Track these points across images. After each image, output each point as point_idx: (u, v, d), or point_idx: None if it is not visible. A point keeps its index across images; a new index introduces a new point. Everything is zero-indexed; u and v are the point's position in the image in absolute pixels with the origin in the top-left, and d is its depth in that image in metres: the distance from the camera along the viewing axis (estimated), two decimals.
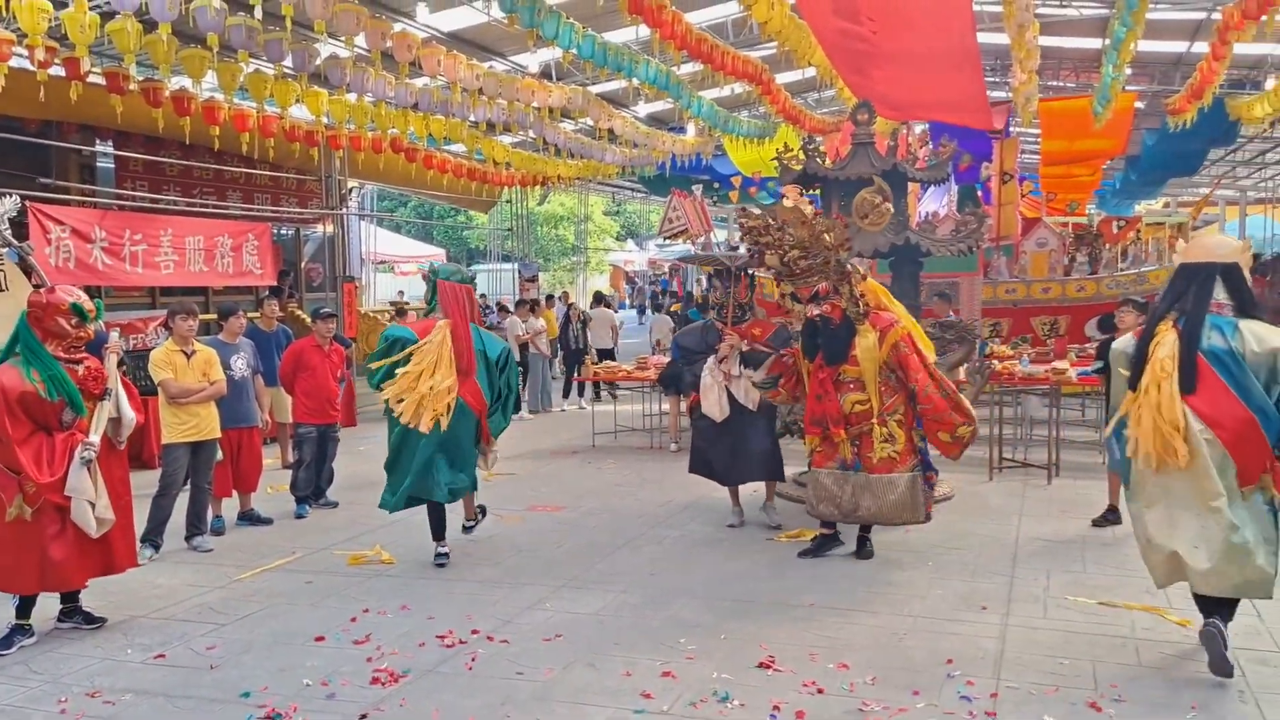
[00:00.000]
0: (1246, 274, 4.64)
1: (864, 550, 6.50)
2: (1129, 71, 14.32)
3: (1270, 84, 14.61)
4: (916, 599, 5.64)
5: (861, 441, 6.30)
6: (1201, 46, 14.77)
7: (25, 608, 5.22)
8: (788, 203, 6.60)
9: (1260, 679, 4.42)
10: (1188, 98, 13.80)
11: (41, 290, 5.28)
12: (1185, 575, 4.40)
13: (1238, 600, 4.49)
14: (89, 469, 5.08)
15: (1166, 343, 4.48)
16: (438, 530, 6.61)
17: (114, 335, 6.00)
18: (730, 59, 11.56)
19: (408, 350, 6.32)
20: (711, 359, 7.13)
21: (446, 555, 6.58)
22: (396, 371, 6.29)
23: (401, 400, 6.23)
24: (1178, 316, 4.52)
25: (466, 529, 6.94)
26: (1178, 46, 16.96)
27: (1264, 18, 9.70)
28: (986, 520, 7.43)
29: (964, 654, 4.77)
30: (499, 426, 6.77)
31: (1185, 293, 4.56)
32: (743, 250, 7.99)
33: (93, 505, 5.11)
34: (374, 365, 6.50)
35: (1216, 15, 12.36)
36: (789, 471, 7.71)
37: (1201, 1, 13.97)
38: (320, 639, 5.16)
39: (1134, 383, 4.57)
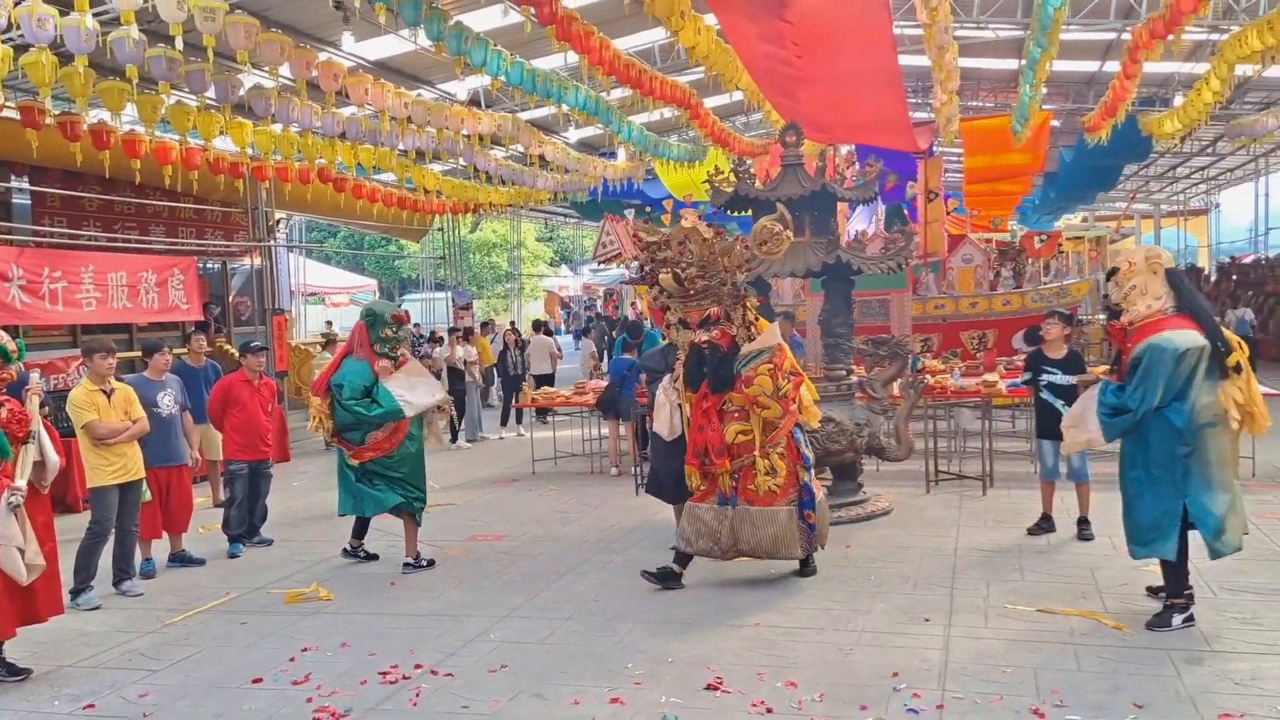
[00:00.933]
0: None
1: (807, 569, 6.50)
2: (1045, 91, 14.79)
3: (1179, 100, 15.18)
4: (860, 614, 5.68)
5: (742, 474, 6.23)
6: (1113, 65, 15.30)
7: None
8: (685, 222, 6.54)
9: (1196, 679, 4.52)
10: (1102, 115, 14.28)
11: None
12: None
13: None
14: (16, 515, 4.95)
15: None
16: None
17: (34, 376, 5.83)
18: (659, 84, 11.68)
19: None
20: (667, 378, 7.02)
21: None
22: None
23: None
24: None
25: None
26: (1090, 66, 17.56)
27: (1170, 37, 10.08)
28: (925, 533, 7.52)
29: (909, 666, 4.81)
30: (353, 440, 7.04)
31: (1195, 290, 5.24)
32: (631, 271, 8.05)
33: (22, 552, 4.96)
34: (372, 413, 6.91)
35: (1126, 35, 12.84)
36: None
37: (1111, 22, 14.49)
38: (258, 681, 5.02)
39: (1222, 369, 5.05)
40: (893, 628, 5.44)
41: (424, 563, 7.15)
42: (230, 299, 15.08)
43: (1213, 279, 26.37)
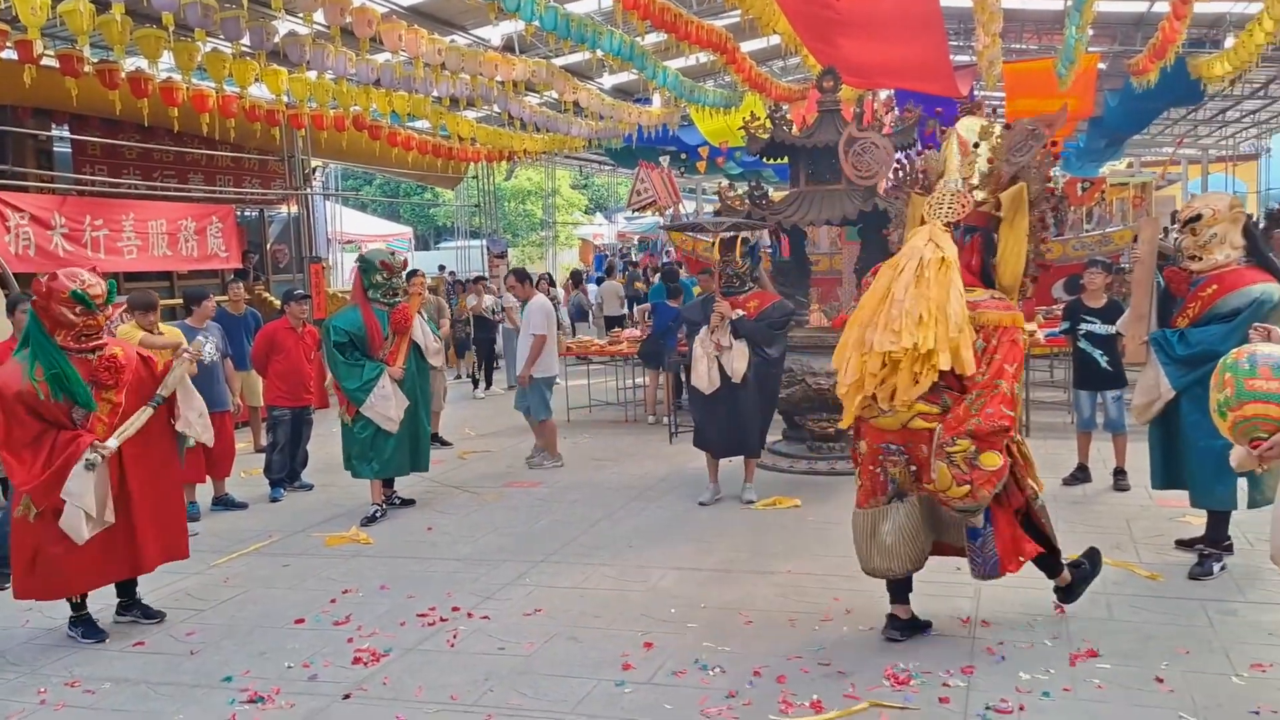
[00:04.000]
0: None
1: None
2: (1091, 32, 14.37)
3: (1229, 42, 14.72)
4: None
5: None
6: (1162, 6, 14.84)
7: (79, 604, 5.10)
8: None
9: (1228, 629, 4.52)
10: (1150, 58, 13.89)
11: (44, 276, 4.89)
12: None
13: None
14: (95, 475, 4.73)
15: None
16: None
17: (200, 340, 5.68)
18: (694, 28, 11.49)
19: None
20: (704, 330, 7.00)
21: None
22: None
23: None
24: None
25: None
26: (1139, 6, 17.05)
27: None
28: None
29: (941, 614, 4.84)
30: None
31: None
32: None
33: (89, 513, 4.75)
34: None
35: None
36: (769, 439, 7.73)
37: None
38: (300, 621, 5.16)
39: None
40: (925, 576, 5.41)
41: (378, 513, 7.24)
42: (268, 247, 15.19)
43: (1261, 225, 25.79)
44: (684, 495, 7.48)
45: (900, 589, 4.67)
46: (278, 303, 10.69)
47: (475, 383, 14.12)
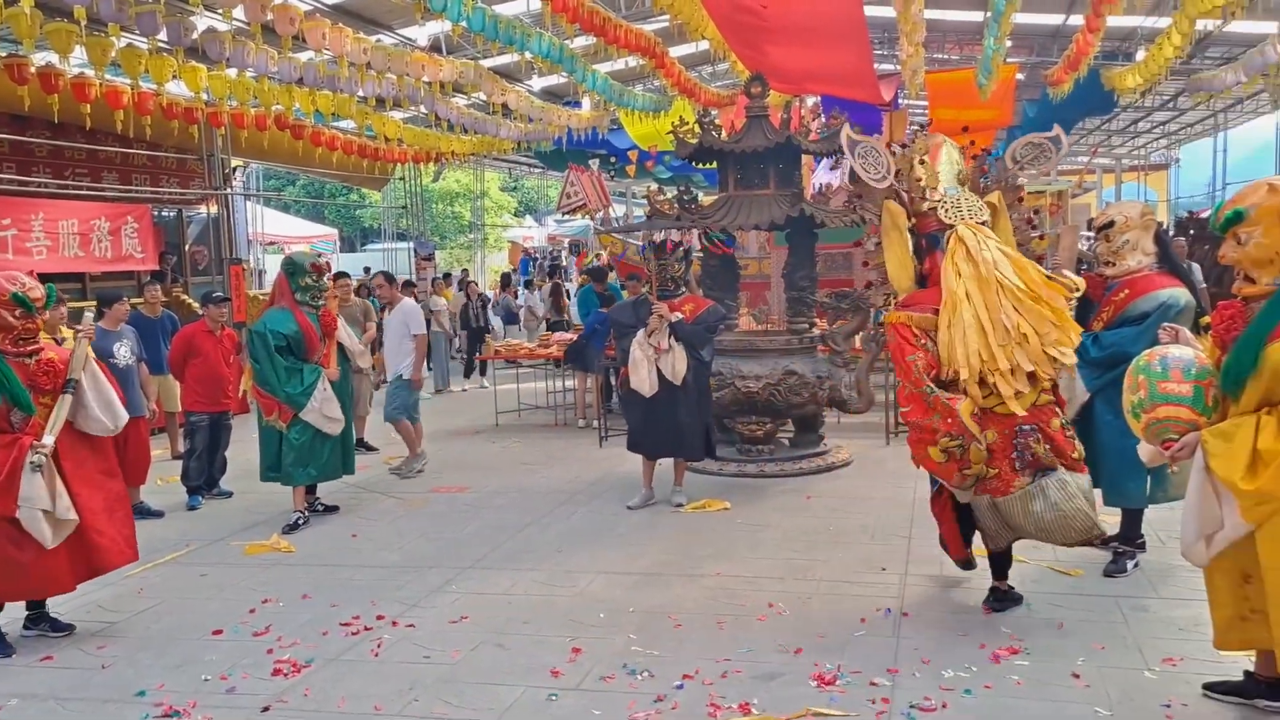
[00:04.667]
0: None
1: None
2: (1009, 43, 14.75)
3: (1140, 55, 15.23)
4: (820, 563, 5.77)
5: None
6: (1077, 19, 15.28)
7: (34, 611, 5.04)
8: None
9: (1142, 625, 4.65)
10: (1065, 69, 14.29)
11: None
12: None
13: None
14: (42, 473, 4.64)
15: None
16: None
17: (87, 316, 5.45)
18: (623, 32, 11.51)
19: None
20: (640, 333, 6.97)
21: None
22: None
23: None
24: None
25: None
26: (1054, 19, 17.53)
27: None
28: (884, 484, 7.62)
29: (866, 614, 4.90)
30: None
31: None
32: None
33: (48, 514, 4.67)
34: None
35: None
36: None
37: None
38: (218, 632, 5.01)
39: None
40: (851, 577, 5.53)
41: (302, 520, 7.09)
42: (187, 248, 14.80)
43: (1171, 233, 26.66)
44: (614, 499, 7.47)
45: (1002, 564, 4.96)
46: (196, 305, 10.42)
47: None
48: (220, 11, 8.77)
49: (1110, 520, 5.76)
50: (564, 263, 24.06)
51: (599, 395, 10.50)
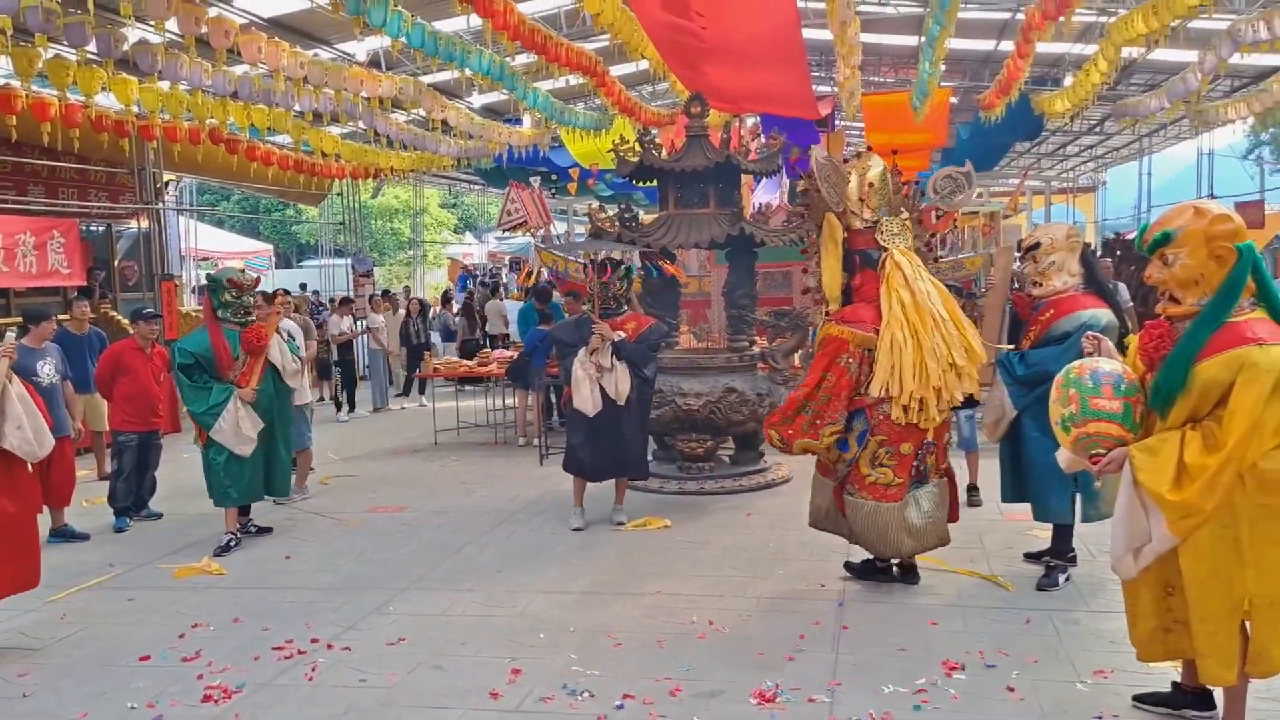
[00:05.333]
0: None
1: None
2: (943, 68, 15.07)
3: (1069, 80, 15.66)
4: (759, 580, 5.79)
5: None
6: (1008, 45, 15.68)
7: None
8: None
9: (1073, 638, 4.74)
10: (997, 93, 14.64)
11: None
12: None
13: None
14: None
15: None
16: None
17: (9, 335, 5.28)
18: (564, 51, 11.53)
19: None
20: (582, 351, 6.91)
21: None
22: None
23: None
24: None
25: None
26: (987, 44, 17.97)
27: (1062, 18, 10.38)
28: None
29: (806, 631, 4.92)
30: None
31: None
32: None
33: None
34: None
35: (1020, 15, 13.15)
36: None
37: (1007, 2, 14.83)
38: (145, 658, 4.87)
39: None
40: (791, 593, 5.56)
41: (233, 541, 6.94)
42: (116, 263, 14.45)
43: (1098, 254, 27.38)
44: (554, 518, 7.42)
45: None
46: (126, 322, 10.17)
47: (339, 406, 13.76)
48: (152, 23, 8.59)
49: (1042, 535, 5.89)
50: (504, 279, 23.92)
51: (539, 413, 10.45)
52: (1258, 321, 3.46)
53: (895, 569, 5.64)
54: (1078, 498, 5.41)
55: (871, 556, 5.69)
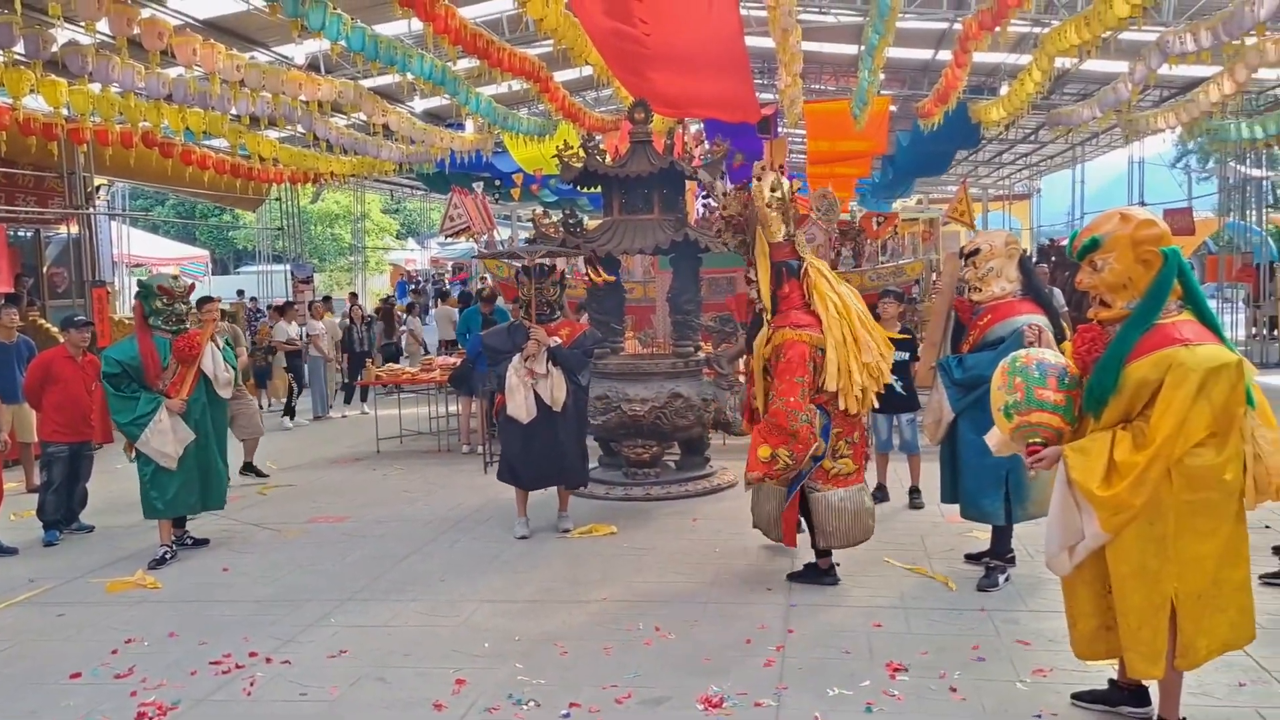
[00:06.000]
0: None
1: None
2: (883, 76, 15.28)
3: (1005, 90, 15.97)
4: (705, 586, 5.79)
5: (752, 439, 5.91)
6: (946, 54, 15.95)
7: None
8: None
9: (1013, 637, 4.82)
10: (935, 102, 14.89)
11: None
12: None
13: None
14: None
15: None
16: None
17: None
18: (507, 56, 11.48)
19: None
20: (516, 358, 6.80)
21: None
22: None
23: None
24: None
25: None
26: (925, 54, 18.27)
27: (998, 29, 10.58)
28: None
29: (752, 636, 4.93)
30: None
31: None
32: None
33: None
34: None
35: (958, 25, 13.40)
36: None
37: (944, 12, 15.09)
38: (76, 676, 4.72)
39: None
40: (736, 598, 5.57)
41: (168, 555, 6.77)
42: (45, 270, 14.08)
43: (1035, 260, 27.97)
44: (498, 526, 7.36)
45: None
46: (55, 330, 9.90)
47: (290, 412, 13.50)
48: (82, 24, 8.38)
49: (982, 537, 5.98)
50: (447, 286, 23.76)
51: (484, 420, 10.37)
52: (1185, 323, 3.55)
53: (830, 571, 5.75)
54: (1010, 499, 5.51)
55: (814, 560, 5.77)
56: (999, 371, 3.88)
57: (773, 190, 5.71)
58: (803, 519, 5.77)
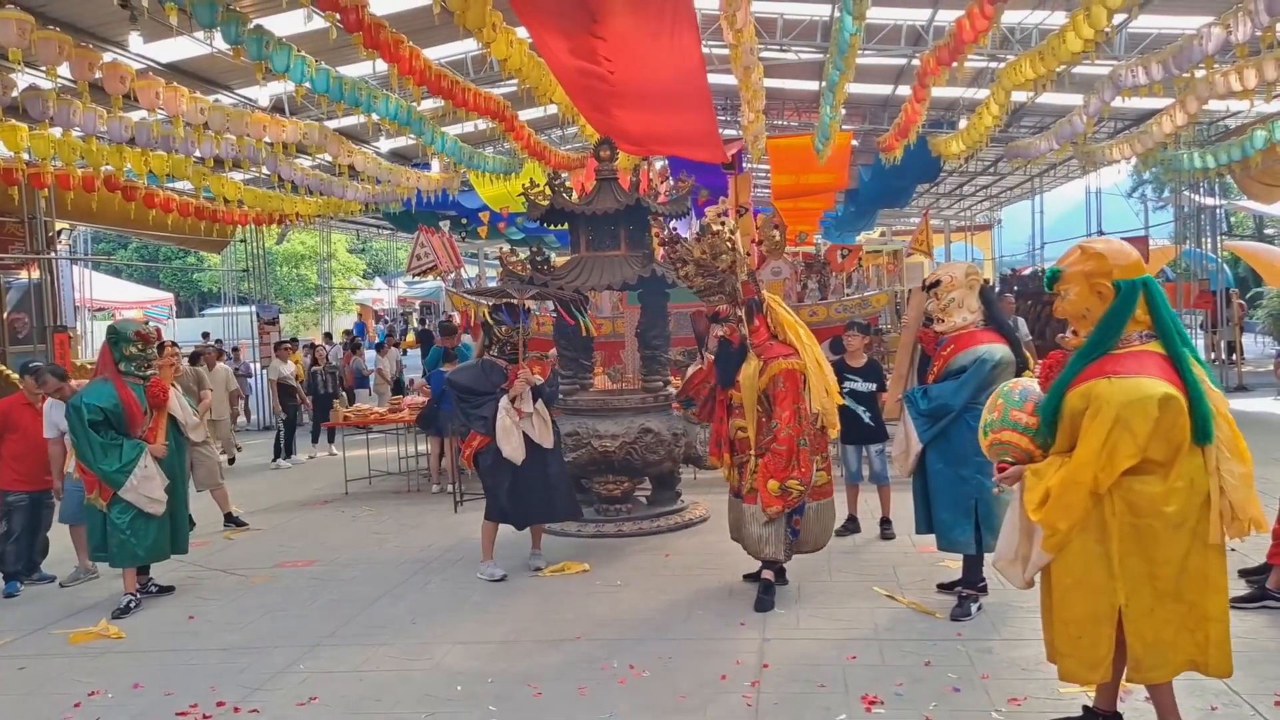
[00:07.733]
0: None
1: (781, 579, 6.32)
2: (844, 112, 15.49)
3: (964, 123, 16.24)
4: (679, 622, 5.76)
5: (742, 470, 6.09)
6: (905, 89, 16.22)
7: None
8: (709, 220, 6.43)
9: (987, 666, 4.82)
10: (895, 136, 15.10)
11: None
12: None
13: None
14: None
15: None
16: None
17: None
18: (472, 95, 11.53)
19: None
20: (504, 399, 6.76)
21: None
22: None
23: None
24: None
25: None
26: (885, 89, 18.57)
27: (954, 64, 10.78)
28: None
29: (727, 671, 4.90)
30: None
31: None
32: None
33: None
34: None
35: (916, 61, 13.63)
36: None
37: (902, 49, 15.37)
38: None
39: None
40: (711, 634, 5.54)
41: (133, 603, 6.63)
42: (5, 315, 13.88)
43: (997, 289, 28.31)
44: (470, 566, 7.29)
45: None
46: (15, 376, 9.74)
47: (286, 453, 13.35)
48: (44, 69, 8.34)
49: (954, 566, 6.00)
50: (414, 325, 23.68)
51: (453, 459, 10.29)
52: (1140, 354, 3.60)
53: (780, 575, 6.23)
54: (980, 527, 5.54)
55: (758, 572, 6.16)
56: (991, 395, 4.07)
57: (731, 233, 6.09)
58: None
